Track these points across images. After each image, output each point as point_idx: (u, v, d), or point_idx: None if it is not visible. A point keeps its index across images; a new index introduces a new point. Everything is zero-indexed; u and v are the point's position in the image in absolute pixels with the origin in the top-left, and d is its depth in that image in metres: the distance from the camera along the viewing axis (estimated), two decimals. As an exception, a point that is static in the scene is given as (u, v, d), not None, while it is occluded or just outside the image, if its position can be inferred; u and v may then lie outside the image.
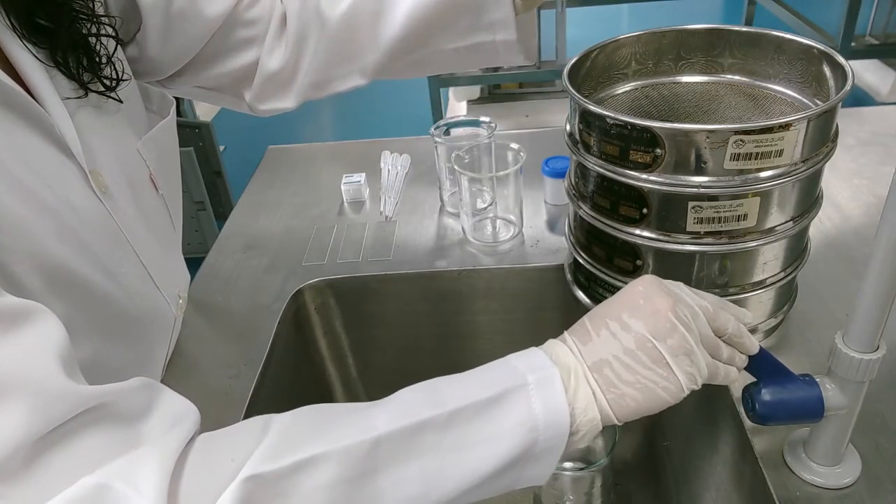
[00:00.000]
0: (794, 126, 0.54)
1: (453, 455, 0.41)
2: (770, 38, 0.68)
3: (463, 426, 0.41)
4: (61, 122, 0.49)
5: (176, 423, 0.43)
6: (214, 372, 0.73)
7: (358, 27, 0.66)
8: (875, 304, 0.46)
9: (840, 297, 0.73)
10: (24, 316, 0.39)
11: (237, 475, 0.39)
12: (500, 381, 0.43)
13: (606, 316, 0.45)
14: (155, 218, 0.62)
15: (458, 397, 0.42)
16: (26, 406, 0.36)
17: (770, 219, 0.58)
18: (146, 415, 0.43)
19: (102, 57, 0.54)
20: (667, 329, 0.43)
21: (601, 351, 0.43)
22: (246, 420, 0.45)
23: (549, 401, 0.42)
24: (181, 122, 2.21)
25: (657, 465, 0.88)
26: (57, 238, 0.47)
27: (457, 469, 0.41)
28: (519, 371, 0.43)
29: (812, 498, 0.54)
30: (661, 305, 0.44)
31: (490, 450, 0.41)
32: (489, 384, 0.43)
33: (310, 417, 0.44)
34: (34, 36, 0.48)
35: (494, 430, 0.42)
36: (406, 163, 1.06)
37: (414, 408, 0.42)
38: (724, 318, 0.48)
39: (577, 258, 0.70)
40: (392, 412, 0.43)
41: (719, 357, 0.47)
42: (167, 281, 0.61)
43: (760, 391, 0.52)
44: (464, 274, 0.85)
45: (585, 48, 0.69)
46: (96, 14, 0.53)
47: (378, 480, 0.41)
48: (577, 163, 0.65)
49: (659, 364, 0.42)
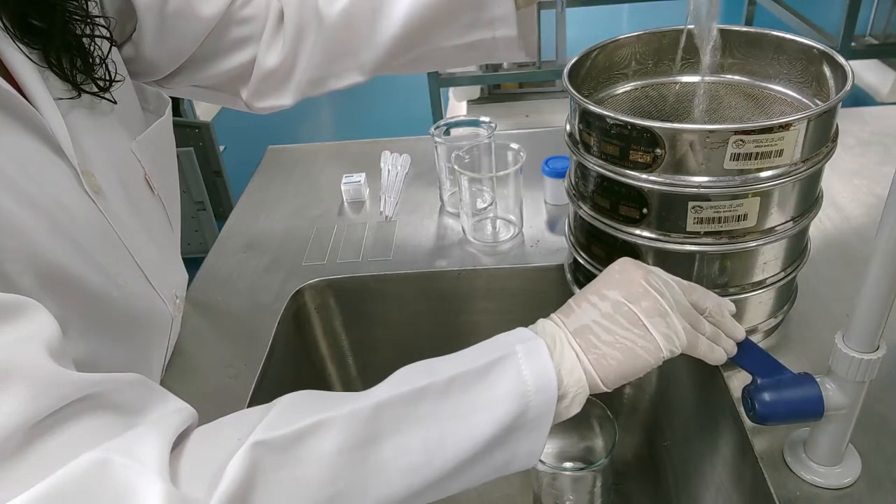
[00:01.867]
0: (794, 126, 0.54)
1: (451, 423, 0.43)
2: (770, 38, 0.68)
3: (459, 394, 0.43)
4: (54, 123, 0.49)
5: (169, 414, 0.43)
6: (214, 372, 0.73)
7: (356, 24, 0.66)
8: (875, 304, 0.46)
9: (840, 297, 0.73)
10: (15, 309, 0.39)
11: (244, 444, 0.39)
12: (490, 352, 0.45)
13: (586, 292, 0.50)
14: (150, 218, 0.61)
15: (453, 368, 0.44)
16: (20, 392, 0.36)
17: (770, 219, 0.58)
18: (142, 409, 0.43)
19: (96, 58, 0.54)
20: (640, 293, 0.47)
21: (582, 318, 0.47)
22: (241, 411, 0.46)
23: (536, 366, 0.44)
24: (181, 122, 2.21)
25: (657, 465, 0.88)
26: (50, 238, 0.47)
27: (455, 436, 0.43)
28: (508, 342, 0.46)
29: (812, 498, 0.54)
30: (635, 275, 0.48)
31: (486, 416, 0.43)
32: (480, 355, 0.45)
33: (312, 394, 0.46)
34: (27, 36, 0.48)
35: (488, 397, 0.43)
36: (406, 163, 1.06)
37: (411, 378, 0.44)
38: (702, 293, 0.52)
39: (577, 258, 0.70)
40: (391, 383, 0.45)
41: (700, 330, 0.50)
42: (163, 281, 0.61)
43: (760, 391, 0.53)
44: (464, 274, 0.85)
45: (585, 48, 0.69)
46: (90, 14, 0.53)
47: (381, 449, 0.42)
48: (577, 163, 0.65)
49: (635, 325, 0.46)
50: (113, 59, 0.56)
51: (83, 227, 0.51)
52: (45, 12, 0.49)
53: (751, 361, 0.54)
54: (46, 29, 0.49)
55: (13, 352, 0.37)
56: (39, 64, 0.49)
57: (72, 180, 0.50)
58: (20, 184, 0.45)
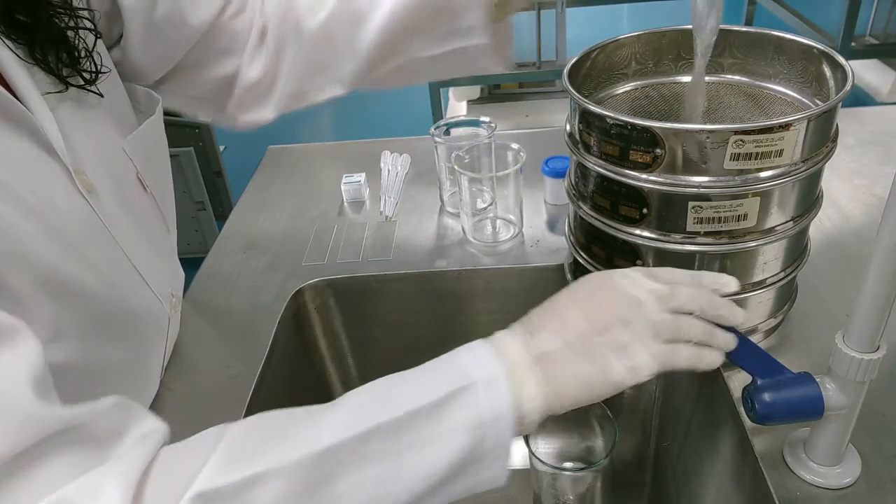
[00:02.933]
0: (794, 126, 0.54)
1: (406, 457, 0.42)
2: (770, 38, 0.68)
3: (414, 428, 0.42)
4: (44, 121, 0.48)
5: (141, 441, 0.42)
6: (214, 372, 0.73)
7: (335, 36, 0.66)
8: (875, 304, 0.46)
9: (840, 297, 0.73)
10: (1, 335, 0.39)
11: (187, 492, 0.38)
12: (448, 382, 0.43)
13: (553, 310, 0.47)
14: (144, 217, 0.61)
15: (409, 400, 0.43)
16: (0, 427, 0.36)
17: (770, 219, 0.58)
18: (117, 437, 0.42)
19: (81, 50, 0.53)
20: (605, 324, 0.45)
21: (544, 344, 0.45)
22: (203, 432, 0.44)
23: (494, 399, 0.43)
24: (181, 122, 2.21)
25: (657, 465, 0.88)
26: (42, 239, 0.47)
27: (411, 470, 0.42)
28: (466, 370, 0.44)
29: (812, 498, 0.54)
30: (602, 302, 0.46)
31: (441, 450, 0.42)
32: (438, 387, 0.43)
33: (262, 428, 0.44)
34: (13, 32, 0.48)
35: (444, 431, 0.42)
36: (406, 163, 1.06)
37: (365, 413, 0.43)
38: (686, 295, 0.48)
39: (577, 258, 0.70)
40: (343, 417, 0.43)
41: (684, 338, 0.48)
42: (159, 280, 0.61)
43: (760, 391, 0.53)
44: (464, 274, 0.85)
45: (585, 48, 0.69)
46: (74, 8, 0.53)
47: (333, 487, 0.41)
48: (577, 163, 0.65)
49: (598, 358, 0.44)
50: (98, 51, 0.55)
51: (76, 227, 0.50)
52: (29, 7, 0.48)
53: (751, 361, 0.54)
54: (31, 24, 0.48)
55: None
56: (26, 60, 0.49)
57: (64, 179, 0.50)
58: (11, 185, 0.45)
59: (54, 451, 0.38)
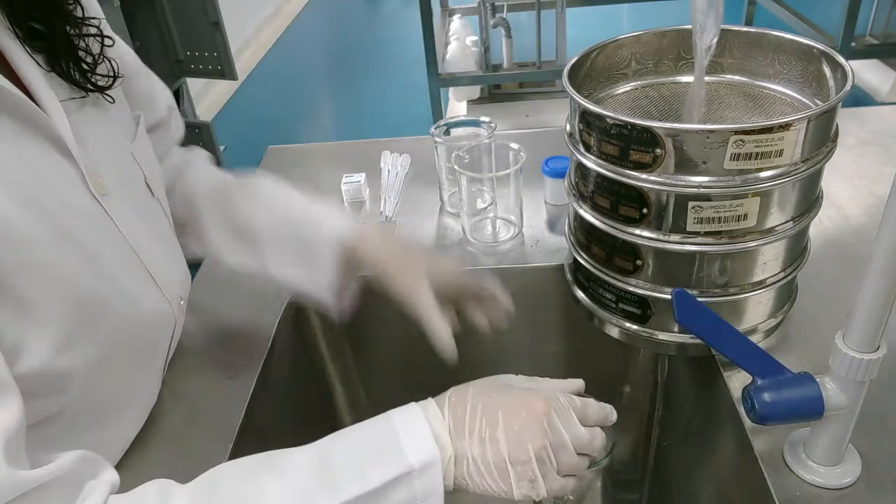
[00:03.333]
0: (794, 126, 0.54)
1: None
2: (770, 38, 0.68)
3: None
4: (61, 125, 0.50)
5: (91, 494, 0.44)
6: (214, 372, 0.73)
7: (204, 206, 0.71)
8: (875, 304, 0.46)
9: (840, 297, 0.73)
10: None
11: None
12: (387, 469, 0.46)
13: (487, 416, 0.49)
14: (154, 220, 0.62)
15: (351, 485, 0.45)
16: None
17: (770, 219, 0.58)
18: (77, 492, 0.44)
19: (97, 56, 0.55)
20: (525, 457, 0.48)
21: (468, 450, 0.48)
22: (145, 486, 0.46)
23: (428, 483, 0.47)
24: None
25: (657, 465, 0.88)
26: (57, 244, 0.47)
27: None
28: (404, 454, 0.47)
29: (812, 498, 0.54)
30: (530, 438, 0.48)
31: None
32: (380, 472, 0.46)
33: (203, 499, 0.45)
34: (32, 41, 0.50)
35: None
36: (406, 163, 1.06)
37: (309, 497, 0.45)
38: (600, 443, 0.52)
39: (577, 258, 0.70)
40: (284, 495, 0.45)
41: (578, 474, 0.51)
42: (169, 282, 0.62)
43: (760, 391, 0.53)
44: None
45: (585, 48, 0.69)
46: (85, 17, 0.54)
47: None
48: (577, 163, 0.65)
49: (504, 480, 0.48)
50: (109, 57, 0.57)
51: (90, 231, 0.51)
52: (47, 17, 0.50)
53: (751, 361, 0.54)
54: (48, 33, 0.50)
55: None
56: (45, 67, 0.50)
57: (78, 183, 0.51)
58: (28, 190, 0.46)
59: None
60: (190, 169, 0.74)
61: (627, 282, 0.64)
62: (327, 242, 0.66)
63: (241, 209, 0.70)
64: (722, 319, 0.56)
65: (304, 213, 0.69)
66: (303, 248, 0.67)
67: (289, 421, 0.80)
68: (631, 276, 0.64)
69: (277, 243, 0.68)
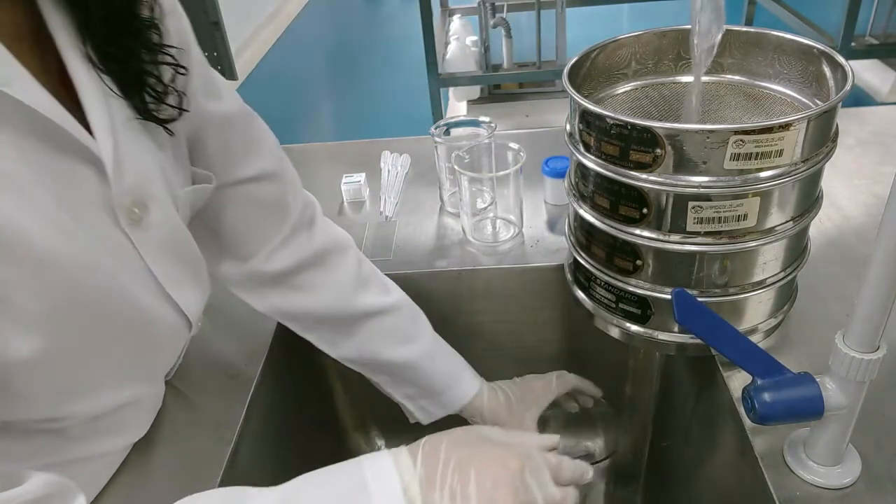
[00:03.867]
0: (794, 126, 0.54)
1: None
2: (770, 38, 0.68)
3: None
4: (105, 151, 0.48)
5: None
6: (215, 372, 0.73)
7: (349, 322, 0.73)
8: (875, 304, 0.46)
9: (840, 297, 0.73)
10: None
11: None
12: None
13: (460, 471, 0.47)
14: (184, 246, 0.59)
15: None
16: None
17: (770, 219, 0.58)
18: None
19: (168, 87, 0.53)
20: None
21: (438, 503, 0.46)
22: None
23: None
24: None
25: (657, 465, 0.88)
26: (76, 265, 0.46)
27: None
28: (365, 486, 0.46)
29: (812, 498, 0.54)
30: (502, 497, 0.46)
31: None
32: None
33: None
34: (105, 64, 0.48)
35: None
36: (406, 163, 1.06)
37: None
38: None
39: (577, 258, 0.70)
40: None
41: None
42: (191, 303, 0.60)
43: (760, 391, 0.53)
44: (464, 274, 0.85)
45: (585, 48, 0.69)
46: (162, 44, 0.52)
47: None
48: (577, 163, 0.65)
49: None
50: (177, 88, 0.54)
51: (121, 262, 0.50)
52: (123, 43, 0.49)
53: (751, 361, 0.54)
54: (123, 57, 0.49)
55: None
56: (115, 92, 0.49)
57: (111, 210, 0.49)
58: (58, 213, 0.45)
59: None
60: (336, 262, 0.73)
61: (627, 282, 0.65)
62: (449, 405, 0.77)
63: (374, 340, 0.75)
64: (722, 319, 0.56)
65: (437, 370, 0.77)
66: (424, 393, 0.77)
67: (289, 421, 0.80)
68: (631, 276, 0.64)
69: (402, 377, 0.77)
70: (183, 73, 0.54)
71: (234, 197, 0.65)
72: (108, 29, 0.47)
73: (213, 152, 0.62)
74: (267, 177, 0.66)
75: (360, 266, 0.74)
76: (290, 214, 0.68)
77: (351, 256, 0.74)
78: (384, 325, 0.74)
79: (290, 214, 0.68)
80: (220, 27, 2.30)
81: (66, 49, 0.46)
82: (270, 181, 0.66)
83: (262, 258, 0.68)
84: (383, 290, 0.75)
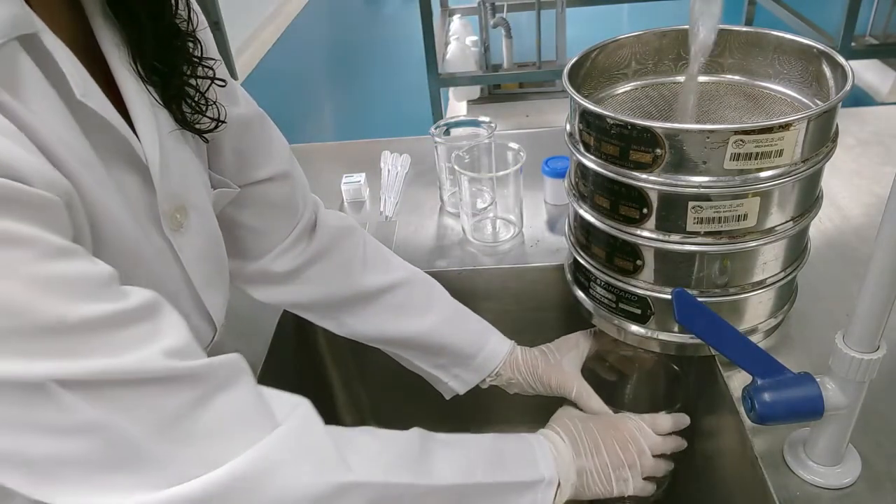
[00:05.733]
0: (794, 126, 0.54)
1: None
2: (770, 38, 0.68)
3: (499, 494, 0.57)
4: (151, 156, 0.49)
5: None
6: (214, 372, 0.72)
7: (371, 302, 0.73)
8: (875, 304, 0.46)
9: (840, 297, 0.73)
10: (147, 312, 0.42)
11: None
12: (525, 473, 0.59)
13: (590, 437, 0.64)
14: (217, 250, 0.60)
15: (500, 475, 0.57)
16: None
17: (770, 219, 0.58)
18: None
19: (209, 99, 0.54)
20: (620, 463, 0.63)
21: (585, 462, 0.63)
22: None
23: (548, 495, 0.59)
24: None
25: (657, 465, 0.88)
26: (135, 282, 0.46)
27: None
28: (538, 467, 0.59)
29: (812, 498, 0.54)
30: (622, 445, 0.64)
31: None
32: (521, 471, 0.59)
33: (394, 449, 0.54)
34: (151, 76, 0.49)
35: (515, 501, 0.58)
36: (406, 163, 1.06)
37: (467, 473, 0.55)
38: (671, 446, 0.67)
39: (577, 258, 0.70)
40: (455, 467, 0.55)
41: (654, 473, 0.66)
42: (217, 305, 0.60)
43: (760, 391, 0.53)
44: (464, 274, 0.85)
45: (585, 48, 0.69)
46: (204, 57, 0.54)
47: None
48: (577, 163, 0.65)
49: (608, 483, 0.63)
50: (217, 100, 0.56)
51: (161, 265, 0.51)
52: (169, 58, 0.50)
53: (751, 361, 0.54)
54: (168, 71, 0.50)
55: None
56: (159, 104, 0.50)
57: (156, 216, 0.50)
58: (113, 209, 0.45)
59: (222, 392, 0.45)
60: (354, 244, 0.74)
61: (627, 282, 0.65)
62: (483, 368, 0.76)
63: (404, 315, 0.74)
64: (722, 319, 0.56)
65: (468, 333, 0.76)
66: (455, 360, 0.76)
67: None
68: (631, 276, 0.64)
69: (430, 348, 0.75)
70: (222, 85, 0.56)
71: (247, 198, 0.65)
72: (157, 44, 0.49)
73: (230, 156, 0.62)
74: (279, 178, 0.66)
75: (366, 247, 0.74)
76: (300, 213, 0.69)
77: (356, 239, 0.74)
78: (397, 299, 0.73)
79: (300, 213, 0.69)
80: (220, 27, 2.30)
81: (114, 61, 0.47)
82: (282, 182, 0.67)
83: (272, 256, 0.69)
84: (390, 266, 0.75)
